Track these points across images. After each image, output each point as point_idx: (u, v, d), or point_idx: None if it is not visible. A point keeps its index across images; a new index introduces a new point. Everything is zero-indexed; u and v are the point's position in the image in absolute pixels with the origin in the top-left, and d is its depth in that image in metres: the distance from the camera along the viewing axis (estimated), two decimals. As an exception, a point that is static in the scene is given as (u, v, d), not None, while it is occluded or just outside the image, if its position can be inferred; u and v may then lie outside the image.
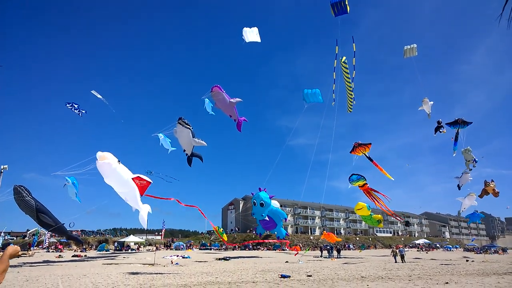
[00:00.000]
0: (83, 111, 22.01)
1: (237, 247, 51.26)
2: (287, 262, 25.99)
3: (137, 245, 48.13)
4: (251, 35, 17.25)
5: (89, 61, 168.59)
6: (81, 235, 50.22)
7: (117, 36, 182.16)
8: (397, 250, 29.25)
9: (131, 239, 48.50)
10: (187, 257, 30.16)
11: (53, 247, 43.08)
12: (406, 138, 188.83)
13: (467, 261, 29.17)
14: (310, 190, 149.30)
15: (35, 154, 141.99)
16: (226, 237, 39.26)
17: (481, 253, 46.68)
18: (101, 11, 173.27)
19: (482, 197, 26.96)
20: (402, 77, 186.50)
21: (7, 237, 47.77)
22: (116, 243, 47.64)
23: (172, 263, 23.61)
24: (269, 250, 50.19)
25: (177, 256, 30.53)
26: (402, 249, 30.75)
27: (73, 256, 31.70)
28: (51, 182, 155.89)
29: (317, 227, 75.99)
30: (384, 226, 60.25)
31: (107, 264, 22.80)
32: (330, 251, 35.44)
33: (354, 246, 62.54)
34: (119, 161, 14.93)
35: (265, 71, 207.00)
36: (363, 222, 53.86)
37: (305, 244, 57.75)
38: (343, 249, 51.95)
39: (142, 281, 13.32)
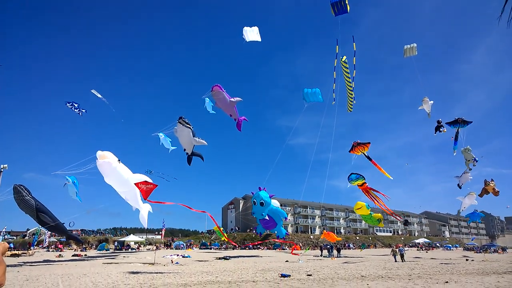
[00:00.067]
0: (83, 111, 21.96)
1: (237, 246, 51.31)
2: (287, 261, 26.04)
3: (137, 245, 48.21)
4: (252, 34, 17.24)
5: (89, 61, 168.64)
6: (81, 235, 50.27)
7: (117, 36, 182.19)
8: (397, 249, 29.25)
9: (131, 238, 48.62)
10: (187, 257, 30.20)
11: (53, 247, 43.14)
12: (406, 137, 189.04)
13: (467, 260, 29.18)
14: (310, 189, 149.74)
15: (35, 153, 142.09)
16: (226, 236, 39.29)
17: (481, 252, 46.71)
18: (101, 11, 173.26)
19: (482, 196, 27.01)
20: (402, 76, 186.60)
21: (7, 237, 47.85)
22: (116, 243, 47.70)
23: (172, 262, 23.62)
24: (269, 249, 50.24)
25: (177, 255, 30.57)
26: (402, 248, 30.76)
27: (73, 255, 31.74)
28: (51, 181, 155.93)
29: (317, 226, 76.07)
30: (384, 225, 60.24)
31: (107, 263, 22.82)
32: (330, 251, 35.47)
33: (354, 245, 62.64)
34: (119, 160, 14.92)
35: (265, 71, 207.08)
36: (363, 221, 53.96)
37: (305, 243, 57.83)
38: (343, 249, 52.03)
39: (142, 281, 13.33)
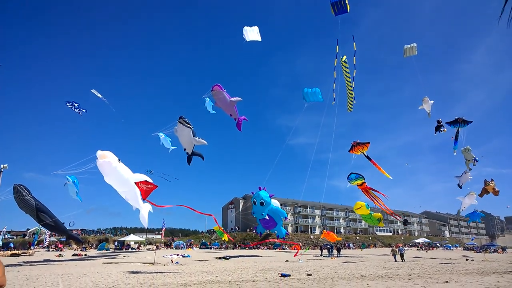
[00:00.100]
0: (84, 110, 21.91)
1: (236, 245, 51.34)
2: (287, 261, 26.04)
3: (137, 244, 48.23)
4: (252, 34, 17.21)
5: (89, 61, 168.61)
6: (81, 234, 50.31)
7: (117, 36, 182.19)
8: (397, 249, 29.26)
9: (131, 238, 48.66)
10: (187, 256, 30.21)
11: (53, 246, 43.19)
12: (406, 137, 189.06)
13: (466, 260, 29.18)
14: (310, 189, 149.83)
15: (35, 153, 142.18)
16: (226, 236, 39.26)
17: (480, 252, 46.70)
18: (101, 11, 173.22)
19: (482, 196, 27.02)
20: (402, 76, 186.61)
21: (7, 236, 47.87)
22: (116, 242, 47.73)
23: (172, 262, 23.63)
24: (269, 249, 50.26)
25: (177, 255, 30.58)
26: (401, 248, 30.75)
27: (73, 255, 31.76)
28: (51, 181, 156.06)
29: (317, 226, 76.08)
30: (384, 225, 60.27)
31: (107, 263, 22.82)
32: (330, 250, 35.49)
33: (354, 245, 62.65)
34: (119, 159, 14.90)
35: (265, 71, 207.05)
36: (363, 221, 53.94)
37: (305, 243, 57.84)
38: (343, 248, 52.04)
39: (142, 280, 13.33)
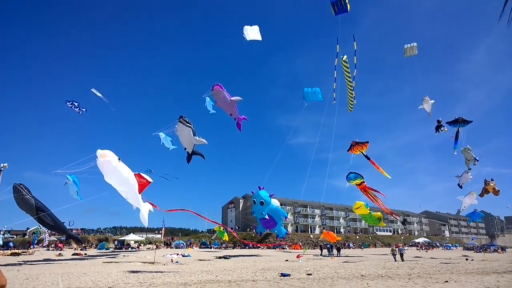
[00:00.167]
0: (83, 109, 21.85)
1: (237, 245, 51.39)
2: (287, 260, 26.06)
3: (137, 244, 48.22)
4: (252, 33, 17.17)
5: (89, 61, 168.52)
6: (81, 234, 50.32)
7: (117, 36, 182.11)
8: (397, 248, 29.27)
9: (131, 237, 48.65)
10: (187, 256, 30.21)
11: (53, 246, 43.20)
12: (406, 137, 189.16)
13: (466, 259, 29.18)
14: (310, 188, 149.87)
15: (35, 153, 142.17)
16: (227, 236, 39.36)
17: (480, 252, 46.69)
18: (101, 11, 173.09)
19: (482, 196, 26.99)
20: (402, 76, 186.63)
21: (7, 236, 47.88)
22: (116, 242, 47.75)
23: (172, 261, 23.64)
24: (269, 248, 50.30)
25: (177, 254, 30.60)
26: (401, 247, 30.77)
27: (73, 254, 31.78)
28: (51, 180, 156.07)
29: (317, 225, 76.12)
30: (385, 224, 60.41)
31: (107, 262, 22.83)
32: (330, 250, 35.50)
33: (354, 244, 62.68)
34: (119, 159, 14.86)
35: (265, 71, 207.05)
36: (363, 221, 53.89)
37: (305, 242, 57.86)
38: (343, 248, 52.07)
39: (142, 280, 13.33)
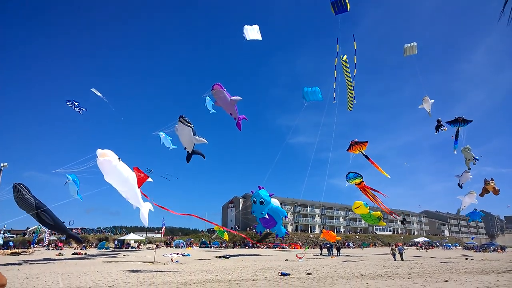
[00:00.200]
0: (84, 109, 21.85)
1: (236, 244, 51.43)
2: (287, 260, 26.07)
3: (137, 243, 48.24)
4: (252, 33, 17.18)
5: (89, 61, 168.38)
6: (81, 233, 50.34)
7: (117, 36, 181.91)
8: (396, 248, 29.27)
9: (131, 237, 48.67)
10: (187, 255, 30.24)
11: (53, 245, 43.19)
12: (406, 137, 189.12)
13: (466, 259, 29.19)
14: (310, 188, 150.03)
15: (35, 153, 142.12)
16: (227, 236, 39.37)
17: (480, 252, 46.71)
18: (101, 11, 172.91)
19: (483, 195, 27.01)
20: (402, 76, 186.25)
21: (7, 235, 47.89)
22: (116, 241, 47.77)
23: (172, 261, 23.64)
24: (269, 248, 50.33)
25: (177, 254, 30.61)
26: (401, 247, 30.78)
27: (73, 254, 31.80)
28: (51, 180, 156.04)
29: (317, 225, 76.15)
30: (385, 224, 60.32)
31: (107, 262, 22.85)
32: (330, 249, 35.53)
33: (354, 244, 62.70)
34: (119, 158, 14.86)
35: (265, 71, 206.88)
36: (363, 220, 53.93)
37: (305, 242, 57.89)
38: (343, 247, 52.11)
39: (142, 279, 13.34)
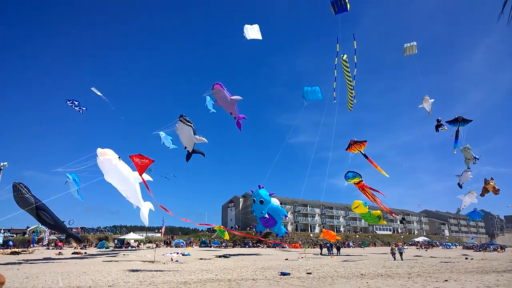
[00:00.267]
0: (84, 108, 21.87)
1: (236, 243, 51.46)
2: (286, 259, 26.07)
3: (137, 243, 48.27)
4: (252, 32, 17.20)
5: (89, 61, 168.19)
6: (81, 233, 50.33)
7: (117, 36, 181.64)
8: (396, 247, 29.28)
9: (131, 236, 48.67)
10: (187, 255, 30.26)
11: (53, 245, 43.21)
12: (406, 136, 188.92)
13: (466, 259, 29.19)
14: (310, 188, 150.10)
15: (34, 153, 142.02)
16: (227, 235, 39.37)
17: (480, 251, 46.72)
18: (101, 11, 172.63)
19: (483, 195, 27.00)
20: (402, 75, 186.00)
21: (7, 234, 47.90)
22: (116, 241, 47.75)
23: (172, 260, 23.65)
24: (269, 247, 50.37)
25: (177, 253, 30.64)
26: (401, 247, 30.80)
27: (73, 253, 31.79)
28: (51, 179, 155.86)
29: (317, 224, 76.15)
30: (386, 223, 60.34)
31: (107, 261, 22.84)
32: (330, 249, 35.54)
33: (354, 243, 62.72)
34: (119, 157, 14.87)
35: (265, 70, 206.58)
36: (363, 220, 53.95)
37: (305, 241, 57.91)
38: (343, 247, 52.13)
39: (142, 278, 13.34)
